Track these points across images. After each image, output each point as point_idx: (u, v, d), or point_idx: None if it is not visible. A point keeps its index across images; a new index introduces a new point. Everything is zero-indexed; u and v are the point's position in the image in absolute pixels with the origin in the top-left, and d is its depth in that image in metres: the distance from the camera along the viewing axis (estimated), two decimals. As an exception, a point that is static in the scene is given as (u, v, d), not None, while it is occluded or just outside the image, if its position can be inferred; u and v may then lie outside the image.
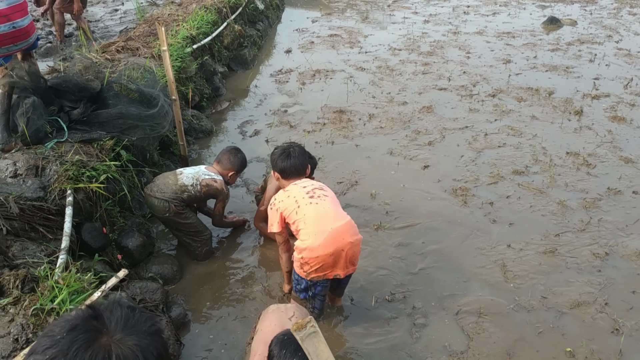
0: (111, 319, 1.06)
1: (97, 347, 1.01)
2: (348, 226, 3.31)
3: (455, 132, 6.38)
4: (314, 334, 1.78)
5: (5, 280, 2.83)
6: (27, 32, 5.05)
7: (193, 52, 7.13)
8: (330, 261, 3.28)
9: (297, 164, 3.62)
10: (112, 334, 1.04)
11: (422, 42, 9.67)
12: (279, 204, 3.47)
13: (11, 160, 3.98)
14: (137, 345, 1.04)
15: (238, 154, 4.48)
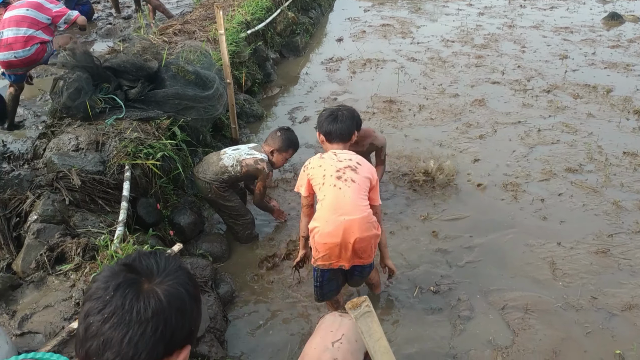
0: (144, 268, 1.16)
1: (146, 294, 1.10)
2: (361, 221, 3.12)
3: (508, 127, 6.26)
4: (368, 314, 1.81)
5: (68, 248, 2.97)
6: (33, 60, 5.36)
7: (247, 38, 7.23)
8: (337, 251, 3.17)
9: (343, 128, 3.43)
10: (151, 280, 1.13)
11: (476, 34, 9.49)
12: (310, 170, 3.31)
13: (73, 134, 4.15)
14: (175, 282, 1.15)
15: (280, 132, 4.29)
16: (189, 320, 1.15)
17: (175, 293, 1.13)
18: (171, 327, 1.10)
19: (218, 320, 3.54)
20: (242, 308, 3.91)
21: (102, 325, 1.07)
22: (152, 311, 1.08)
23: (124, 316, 1.07)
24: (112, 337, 1.06)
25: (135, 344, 1.07)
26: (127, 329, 1.06)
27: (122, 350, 1.06)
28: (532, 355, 3.48)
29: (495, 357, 3.47)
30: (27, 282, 2.84)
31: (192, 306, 1.17)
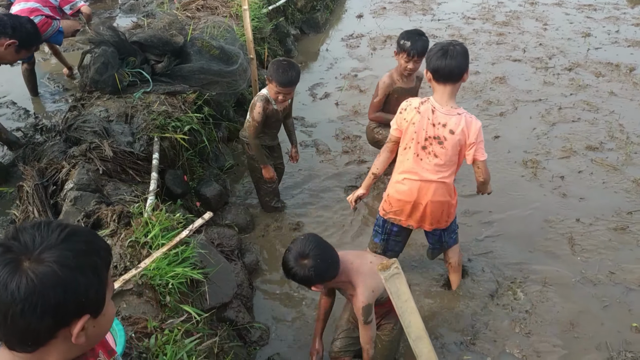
0: (21, 245, 1.14)
1: (20, 274, 1.10)
2: (437, 186, 3.20)
3: (528, 105, 6.27)
4: (397, 275, 1.90)
5: (104, 215, 3.09)
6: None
7: (268, 13, 7.26)
8: (408, 210, 3.31)
9: (453, 65, 3.00)
10: (29, 257, 1.12)
11: (497, 11, 9.40)
12: (402, 121, 3.20)
13: (103, 107, 4.25)
14: (53, 259, 1.12)
15: (274, 62, 4.06)
16: (74, 294, 1.14)
17: (48, 272, 1.11)
18: (51, 303, 1.11)
19: (244, 288, 3.67)
20: (266, 277, 4.04)
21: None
22: (25, 292, 1.09)
23: (1, 295, 1.09)
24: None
25: (19, 320, 1.10)
26: (7, 308, 1.09)
27: (10, 325, 1.11)
28: (550, 326, 3.57)
29: (513, 327, 3.56)
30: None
31: (76, 280, 1.14)
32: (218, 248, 3.74)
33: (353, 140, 5.69)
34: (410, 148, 3.20)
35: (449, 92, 3.10)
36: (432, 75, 3.10)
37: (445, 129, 3.11)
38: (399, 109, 3.27)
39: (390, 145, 3.38)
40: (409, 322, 1.98)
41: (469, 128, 3.10)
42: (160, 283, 2.67)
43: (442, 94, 3.11)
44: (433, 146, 3.15)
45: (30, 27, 4.36)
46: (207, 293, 2.98)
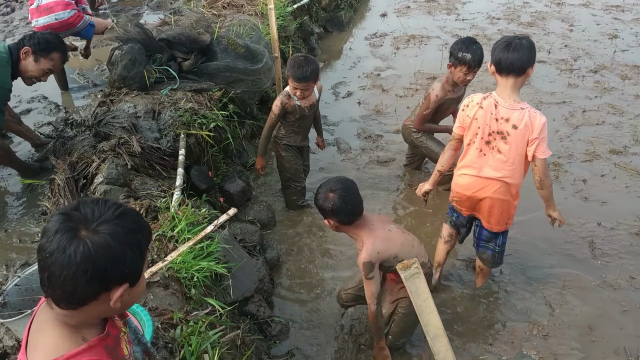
0: (80, 216, 1.30)
1: (77, 241, 1.25)
2: (496, 184, 3.21)
3: (552, 107, 6.24)
4: (417, 275, 1.95)
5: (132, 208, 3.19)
6: (68, 24, 5.61)
7: (293, 12, 7.32)
8: (467, 203, 3.40)
9: (516, 59, 2.97)
10: (87, 227, 1.28)
11: (523, 12, 9.34)
12: (466, 118, 3.22)
13: (132, 103, 4.36)
14: (108, 232, 1.28)
15: (291, 58, 4.10)
16: (120, 264, 1.30)
17: (103, 242, 1.27)
18: (100, 270, 1.26)
19: (265, 283, 3.75)
20: (287, 272, 4.11)
21: (46, 261, 1.27)
22: (81, 257, 1.24)
23: (58, 257, 1.25)
24: (53, 273, 1.26)
25: (70, 280, 1.25)
26: (62, 269, 1.25)
27: (61, 284, 1.26)
28: (568, 329, 3.58)
29: (531, 329, 3.59)
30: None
31: (124, 252, 1.30)
32: (241, 243, 3.83)
33: (375, 139, 5.73)
34: (474, 143, 3.22)
35: (512, 86, 3.07)
36: (495, 67, 3.08)
37: (508, 123, 3.08)
38: (462, 106, 3.27)
39: (454, 143, 3.42)
40: (427, 320, 2.03)
41: (533, 123, 3.08)
42: (185, 276, 2.76)
43: (504, 87, 3.10)
44: (497, 141, 3.14)
45: (47, 35, 4.17)
46: (230, 287, 3.05)
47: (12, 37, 7.28)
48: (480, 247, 3.64)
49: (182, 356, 2.31)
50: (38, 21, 5.47)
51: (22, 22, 7.75)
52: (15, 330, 2.42)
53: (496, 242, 3.54)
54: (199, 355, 2.32)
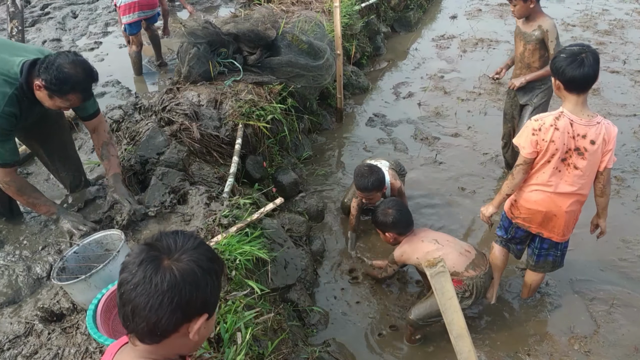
0: (164, 246, 1.33)
1: (163, 269, 1.28)
2: (571, 198, 3.17)
3: (621, 119, 6.00)
4: (443, 274, 2.00)
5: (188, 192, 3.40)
6: (153, 3, 6.30)
7: (360, 10, 7.39)
8: (539, 219, 3.30)
9: (590, 74, 2.86)
10: (170, 256, 1.31)
11: (600, 19, 8.98)
12: (542, 142, 3.02)
13: (196, 92, 4.59)
14: (190, 259, 1.31)
15: (357, 167, 4.12)
16: (203, 292, 1.31)
17: (188, 269, 1.29)
18: (185, 298, 1.28)
19: (308, 273, 3.86)
20: (331, 266, 4.21)
21: (130, 294, 1.28)
22: (167, 284, 1.26)
23: (145, 287, 1.26)
24: (138, 304, 1.27)
25: (156, 310, 1.26)
26: (148, 299, 1.26)
27: (146, 315, 1.27)
28: (612, 348, 3.48)
29: (572, 344, 3.51)
30: (150, 216, 3.28)
31: (205, 280, 1.31)
32: (288, 233, 3.95)
33: (431, 141, 5.72)
34: (549, 163, 3.10)
35: (583, 101, 2.97)
36: (565, 86, 2.96)
37: (585, 140, 2.99)
38: (531, 130, 3.06)
39: (525, 167, 3.19)
40: (451, 319, 2.07)
41: (610, 135, 3.00)
42: (229, 258, 2.91)
43: (575, 104, 2.97)
44: (573, 158, 3.05)
45: (64, 72, 2.79)
46: (270, 272, 3.18)
47: (95, 24, 7.75)
48: (541, 257, 3.56)
49: (217, 332, 2.45)
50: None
51: (105, 10, 8.22)
52: (71, 293, 2.64)
53: (558, 248, 3.49)
54: (233, 332, 2.45)
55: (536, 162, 3.15)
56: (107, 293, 2.47)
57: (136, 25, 6.33)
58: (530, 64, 4.34)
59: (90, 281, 2.55)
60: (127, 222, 3.19)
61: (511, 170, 3.27)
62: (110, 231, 2.90)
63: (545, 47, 4.20)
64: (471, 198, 4.88)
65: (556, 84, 2.99)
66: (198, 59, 4.73)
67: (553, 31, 4.13)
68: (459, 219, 4.67)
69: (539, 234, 3.41)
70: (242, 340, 2.43)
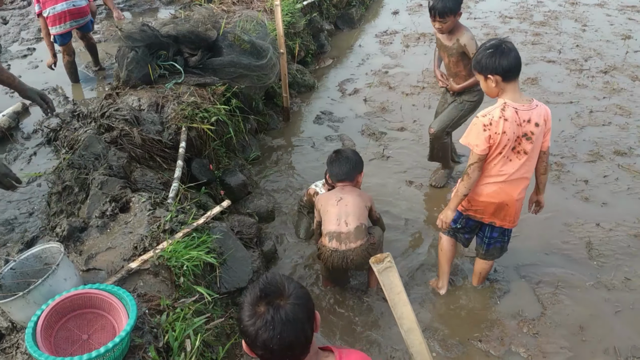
0: (274, 291, 1.58)
1: (283, 307, 1.55)
2: (521, 185, 3.25)
3: (559, 106, 6.21)
4: (390, 269, 2.00)
5: (130, 199, 3.29)
6: (84, 12, 6.07)
7: (303, 8, 7.38)
8: (492, 210, 3.35)
9: (519, 57, 3.02)
10: (283, 297, 1.56)
11: (536, 11, 9.27)
12: (495, 135, 3.04)
13: (136, 96, 4.46)
14: (295, 300, 1.57)
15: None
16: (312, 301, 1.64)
17: (300, 294, 1.60)
18: (309, 310, 1.61)
19: (260, 275, 3.81)
20: (283, 265, 4.18)
21: (281, 342, 1.52)
22: (294, 314, 1.55)
23: (286, 325, 1.52)
24: (292, 341, 1.53)
25: (297, 333, 1.54)
26: (294, 329, 1.54)
27: (301, 341, 1.55)
28: (558, 328, 3.59)
29: (521, 327, 3.61)
30: (92, 226, 3.17)
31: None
32: (237, 235, 3.90)
33: (379, 136, 5.76)
34: (501, 154, 3.14)
35: (518, 88, 3.08)
36: (504, 77, 3.01)
37: (530, 124, 3.07)
38: (482, 126, 3.07)
39: (480, 164, 3.22)
40: (401, 313, 2.07)
41: (547, 114, 3.14)
42: (176, 264, 2.84)
43: (514, 91, 3.05)
44: (522, 144, 3.12)
45: None
46: (219, 277, 3.13)
47: (27, 29, 7.45)
48: (490, 245, 3.63)
49: (165, 341, 2.38)
50: (55, 8, 5.78)
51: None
52: (9, 312, 2.51)
53: (505, 234, 3.58)
54: (182, 340, 2.39)
55: (488, 156, 3.18)
56: (47, 309, 2.36)
57: (68, 35, 6.10)
58: (457, 73, 4.41)
59: (29, 297, 2.43)
60: (68, 233, 3.07)
61: (465, 170, 3.27)
62: (49, 244, 2.78)
63: (467, 57, 4.23)
64: (419, 189, 4.95)
65: (494, 80, 3.03)
66: (137, 62, 4.61)
67: (471, 44, 4.15)
68: (403, 209, 4.72)
69: (492, 224, 3.47)
70: (191, 347, 2.37)
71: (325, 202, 3.64)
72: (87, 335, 2.40)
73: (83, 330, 2.41)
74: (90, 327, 2.42)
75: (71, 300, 2.40)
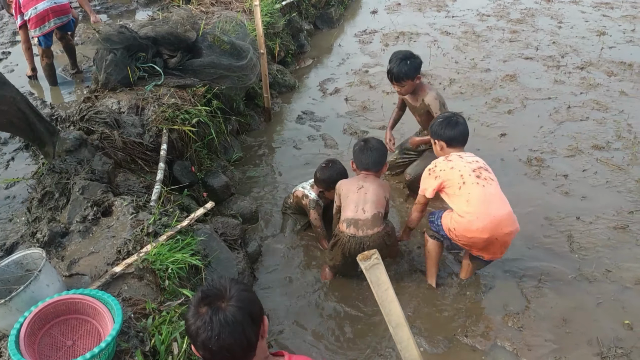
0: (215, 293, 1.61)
1: (223, 310, 1.57)
2: (509, 217, 3.38)
3: (537, 103, 6.29)
4: (377, 266, 2.00)
5: (112, 203, 3.25)
6: (66, 9, 6.00)
7: (282, 9, 7.37)
8: (481, 244, 3.43)
9: (465, 131, 3.59)
10: (224, 300, 1.59)
11: (513, 9, 9.39)
12: (441, 172, 3.43)
13: (116, 99, 4.41)
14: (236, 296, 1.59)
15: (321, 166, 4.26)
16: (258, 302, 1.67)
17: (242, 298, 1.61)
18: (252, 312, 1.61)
19: (246, 276, 3.80)
20: (268, 265, 4.17)
21: (221, 344, 1.54)
22: (236, 316, 1.56)
23: (226, 330, 1.54)
24: (232, 344, 1.55)
25: (239, 336, 1.56)
26: (233, 334, 1.55)
27: (242, 343, 1.57)
28: (543, 321, 3.64)
29: (506, 321, 3.64)
30: (74, 231, 3.13)
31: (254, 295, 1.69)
32: (222, 237, 3.87)
33: (360, 135, 5.77)
34: (465, 183, 3.36)
35: (463, 153, 3.53)
36: (447, 144, 3.56)
37: (480, 162, 3.49)
38: (428, 171, 3.53)
39: (421, 206, 3.68)
40: (389, 310, 2.08)
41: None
42: (160, 268, 2.81)
43: (458, 157, 3.49)
44: (483, 174, 3.41)
45: None
46: (205, 279, 3.10)
47: (2, 33, 7.32)
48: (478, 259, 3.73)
49: (152, 344, 2.36)
50: (37, 7, 5.70)
51: (12, 18, 7.78)
52: (-10, 320, 2.47)
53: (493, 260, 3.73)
54: (169, 343, 2.37)
55: (452, 193, 3.40)
56: (30, 316, 2.32)
57: (51, 36, 6.01)
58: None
59: (11, 305, 2.39)
60: (49, 239, 3.02)
61: (414, 206, 3.74)
62: (31, 250, 2.73)
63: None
64: (403, 187, 4.97)
65: (439, 145, 3.61)
66: (115, 65, 4.55)
67: (435, 104, 4.28)
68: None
69: (480, 257, 3.62)
70: (178, 350, 2.35)
71: (347, 189, 3.71)
72: (72, 342, 2.37)
73: (67, 336, 2.38)
74: (75, 333, 2.39)
75: (55, 306, 2.36)
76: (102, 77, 4.55)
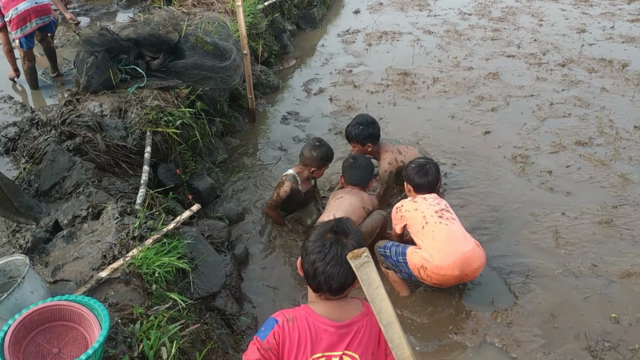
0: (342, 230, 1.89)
1: (343, 245, 1.84)
2: (476, 252, 3.50)
3: (520, 100, 6.34)
4: (368, 264, 1.97)
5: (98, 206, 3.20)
6: (47, 9, 5.95)
7: (264, 9, 7.34)
8: (452, 280, 3.53)
9: (433, 181, 3.79)
10: (347, 237, 1.86)
11: (494, 7, 9.46)
12: (406, 213, 3.69)
13: (98, 102, 4.35)
14: (355, 244, 1.88)
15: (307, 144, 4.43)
16: None
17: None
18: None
19: (233, 278, 3.76)
20: (255, 267, 4.14)
21: (325, 267, 1.81)
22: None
23: (337, 260, 1.81)
24: (333, 273, 1.82)
25: (345, 273, 1.81)
26: (341, 266, 1.81)
27: (340, 278, 1.83)
28: (531, 317, 3.65)
29: (495, 318, 3.65)
30: (58, 237, 3.07)
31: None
32: (208, 240, 3.83)
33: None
34: (428, 223, 3.54)
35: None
36: (414, 189, 3.82)
37: (442, 204, 3.69)
38: (395, 210, 3.79)
39: (396, 239, 3.90)
40: (380, 308, 2.05)
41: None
42: (147, 272, 2.77)
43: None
44: (445, 215, 3.58)
45: None
46: (192, 282, 3.07)
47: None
48: None
49: (140, 350, 2.32)
50: (18, 8, 5.62)
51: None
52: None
53: None
54: (158, 348, 2.33)
55: (416, 232, 3.60)
56: (14, 324, 2.27)
57: (32, 37, 5.92)
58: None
59: (-6, 313, 2.34)
60: (32, 245, 2.96)
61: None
62: (14, 257, 2.67)
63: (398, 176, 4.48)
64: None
65: (407, 187, 3.88)
66: (97, 67, 4.48)
67: (383, 176, 4.46)
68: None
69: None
70: (167, 355, 2.31)
71: (331, 198, 4.08)
72: (58, 349, 2.32)
73: (53, 343, 2.33)
74: (60, 340, 2.34)
75: (39, 313, 2.31)
76: (83, 80, 4.48)
